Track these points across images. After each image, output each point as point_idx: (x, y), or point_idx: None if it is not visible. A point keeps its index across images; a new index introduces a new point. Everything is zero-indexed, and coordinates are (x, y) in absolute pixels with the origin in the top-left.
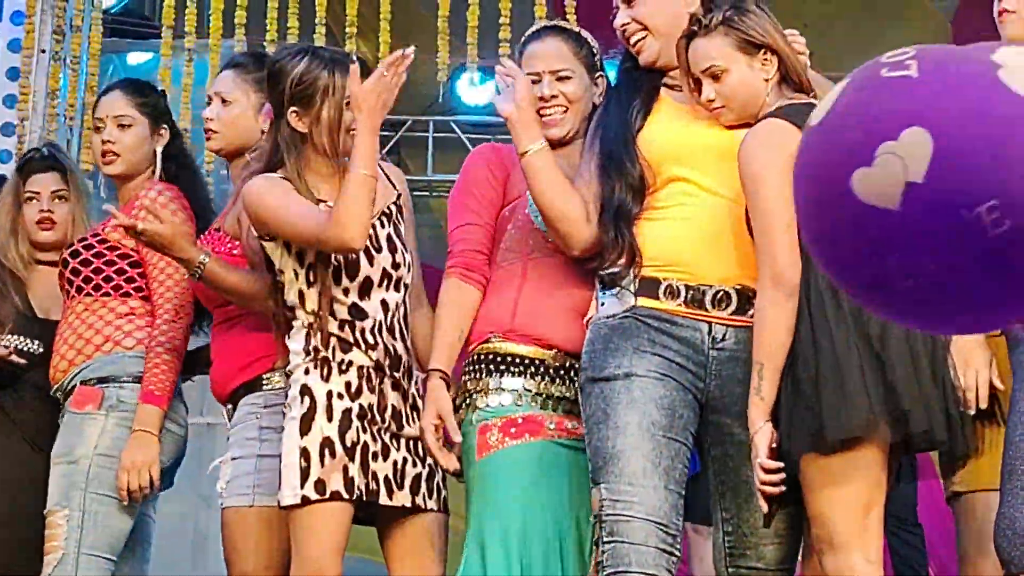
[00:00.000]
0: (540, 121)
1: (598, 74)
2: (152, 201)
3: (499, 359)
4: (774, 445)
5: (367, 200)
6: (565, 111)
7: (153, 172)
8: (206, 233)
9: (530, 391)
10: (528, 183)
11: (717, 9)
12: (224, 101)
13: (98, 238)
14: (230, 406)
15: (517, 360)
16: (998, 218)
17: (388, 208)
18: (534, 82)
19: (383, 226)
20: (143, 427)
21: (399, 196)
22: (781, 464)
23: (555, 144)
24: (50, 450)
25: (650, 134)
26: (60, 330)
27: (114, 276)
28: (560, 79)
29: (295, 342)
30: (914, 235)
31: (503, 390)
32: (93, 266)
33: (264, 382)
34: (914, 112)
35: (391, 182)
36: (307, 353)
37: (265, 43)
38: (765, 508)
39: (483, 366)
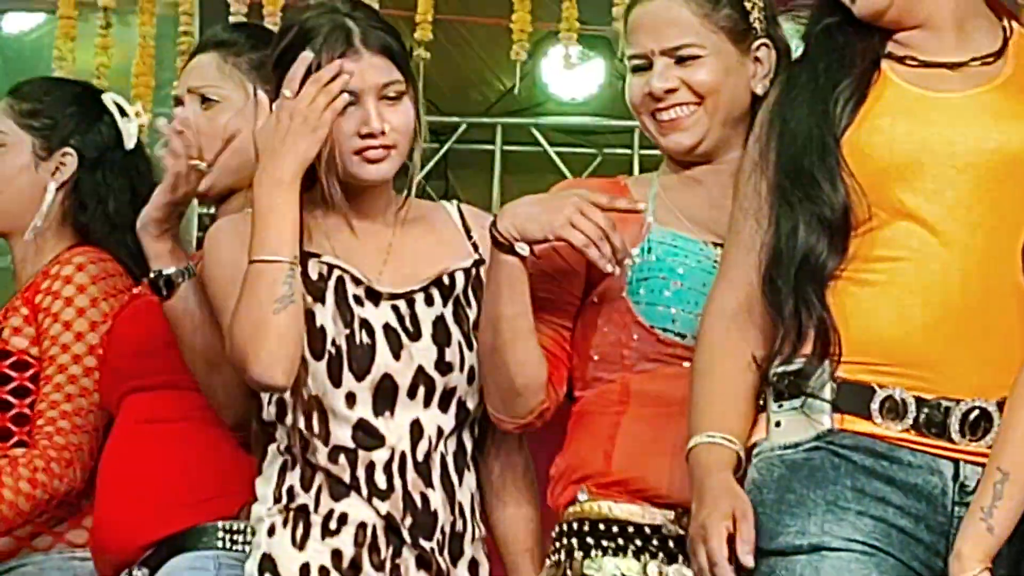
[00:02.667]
0: (658, 126)
1: (758, 43)
2: (52, 280)
3: (592, 528)
4: None
5: (263, 304)
6: (696, 106)
7: (42, 214)
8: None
9: None
10: None
11: None
12: (205, 100)
13: None
14: (138, 572)
15: (617, 528)
16: None
17: (447, 277)
18: (643, 68)
19: (429, 303)
20: None
21: (477, 262)
22: None
23: (684, 160)
24: None
25: (865, 136)
26: None
27: (17, 404)
28: (681, 61)
29: (264, 481)
30: None
31: None
32: None
33: (221, 533)
34: None
35: (467, 234)
36: (276, 499)
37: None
38: None
39: (571, 540)
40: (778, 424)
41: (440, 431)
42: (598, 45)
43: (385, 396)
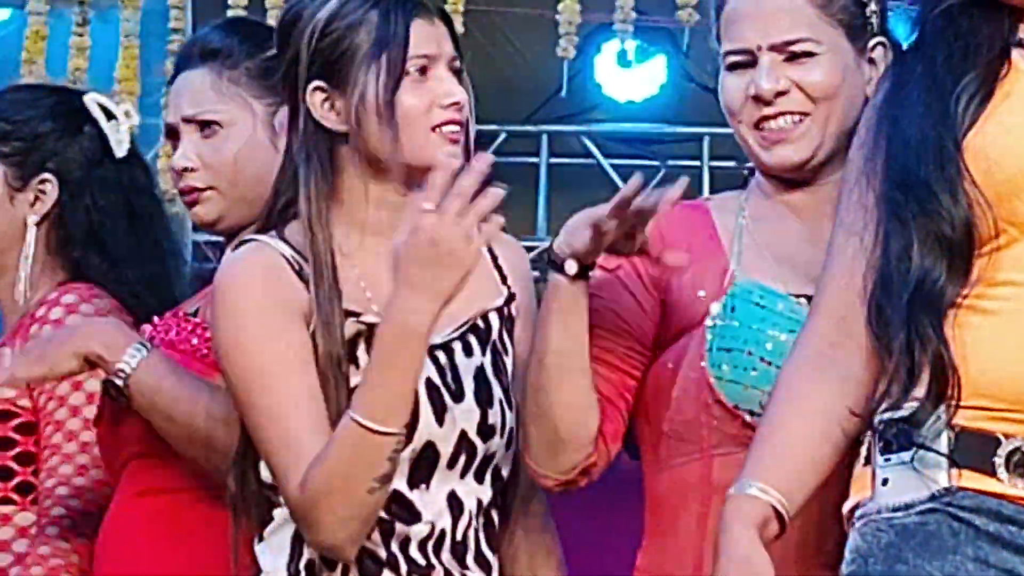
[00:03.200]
0: (760, 137)
1: (874, 41)
2: (41, 325)
3: None
4: None
5: (359, 479)
6: (801, 118)
7: (27, 260)
8: (167, 316)
9: None
10: None
11: None
12: (206, 126)
13: None
14: None
15: None
16: None
17: (482, 320)
18: (743, 64)
19: (467, 352)
20: None
21: (509, 298)
22: None
23: (786, 177)
24: None
25: (991, 138)
26: None
27: (15, 466)
28: (792, 58)
29: (271, 550)
30: None
31: None
32: None
33: None
34: None
35: (496, 267)
36: (292, 575)
37: None
38: None
39: None
40: (885, 482)
41: (480, 504)
42: (659, 39)
43: (424, 466)
